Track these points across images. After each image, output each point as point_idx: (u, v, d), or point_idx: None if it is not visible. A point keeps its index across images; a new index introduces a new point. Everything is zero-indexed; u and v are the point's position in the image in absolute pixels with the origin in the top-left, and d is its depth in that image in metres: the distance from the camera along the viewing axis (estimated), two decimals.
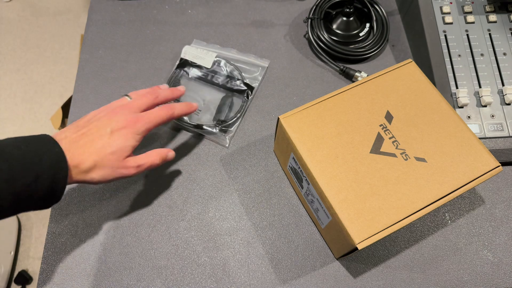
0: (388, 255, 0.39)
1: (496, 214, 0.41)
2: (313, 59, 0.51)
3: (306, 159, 0.34)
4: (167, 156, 0.37)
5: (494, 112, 0.43)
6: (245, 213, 0.41)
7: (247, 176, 0.43)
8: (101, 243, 0.39)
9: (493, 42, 0.46)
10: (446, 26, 0.47)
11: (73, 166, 0.31)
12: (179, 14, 0.54)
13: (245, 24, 0.54)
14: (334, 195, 0.32)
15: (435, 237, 0.39)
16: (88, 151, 0.32)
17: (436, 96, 0.38)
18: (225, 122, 0.44)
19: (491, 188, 0.42)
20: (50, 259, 0.38)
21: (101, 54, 0.51)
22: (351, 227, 0.31)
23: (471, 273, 0.38)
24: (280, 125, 0.37)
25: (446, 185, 0.33)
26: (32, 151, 0.28)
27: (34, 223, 1.08)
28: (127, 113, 0.34)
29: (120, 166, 0.33)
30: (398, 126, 0.36)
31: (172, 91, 0.39)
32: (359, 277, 0.38)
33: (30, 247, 1.04)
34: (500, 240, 0.39)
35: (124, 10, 0.55)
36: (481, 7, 0.48)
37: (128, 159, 0.33)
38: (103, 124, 0.33)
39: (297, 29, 0.53)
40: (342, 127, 0.36)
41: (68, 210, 0.41)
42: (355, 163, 0.34)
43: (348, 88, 0.38)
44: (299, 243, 0.39)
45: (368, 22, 0.51)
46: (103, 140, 0.32)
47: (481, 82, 0.44)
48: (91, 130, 0.33)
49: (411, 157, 0.34)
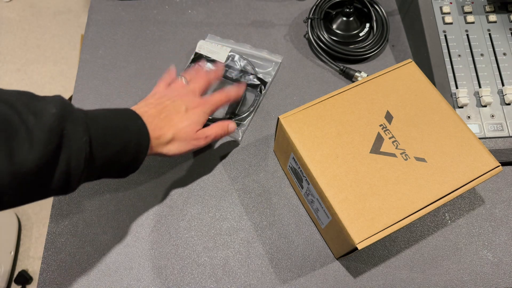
0: (388, 255, 0.39)
1: (496, 214, 0.41)
2: (313, 59, 0.51)
3: (306, 159, 0.34)
4: (228, 127, 0.40)
5: (494, 112, 0.43)
6: (245, 213, 0.41)
7: (247, 176, 0.43)
8: (101, 243, 0.39)
9: (493, 42, 0.46)
10: (446, 26, 0.47)
11: (154, 138, 0.34)
12: (179, 14, 0.54)
13: (245, 24, 0.54)
14: (334, 195, 0.32)
15: (435, 237, 0.39)
16: (168, 124, 0.35)
17: (436, 96, 0.38)
18: (238, 116, 0.45)
19: (491, 188, 0.42)
20: (50, 259, 0.38)
21: (101, 54, 0.51)
22: (351, 227, 0.31)
23: (471, 273, 0.38)
24: (280, 125, 0.37)
25: (446, 185, 0.33)
26: (120, 122, 0.32)
27: (34, 223, 1.08)
28: (195, 96, 0.39)
29: (193, 137, 0.36)
30: (398, 126, 0.36)
31: (216, 74, 0.42)
32: (359, 277, 0.38)
33: (30, 247, 1.04)
34: (500, 240, 0.39)
35: (124, 10, 0.55)
36: (481, 7, 0.48)
37: (198, 132, 0.37)
38: (178, 103, 0.37)
39: (297, 29, 0.53)
40: (342, 127, 0.36)
41: (68, 210, 0.41)
42: (355, 163, 0.34)
43: (348, 88, 0.38)
44: (299, 243, 0.39)
45: (368, 22, 0.51)
46: (180, 116, 0.36)
47: (481, 82, 0.44)
48: (168, 107, 0.36)
49: (411, 157, 0.34)
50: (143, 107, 0.36)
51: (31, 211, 1.09)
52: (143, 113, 0.34)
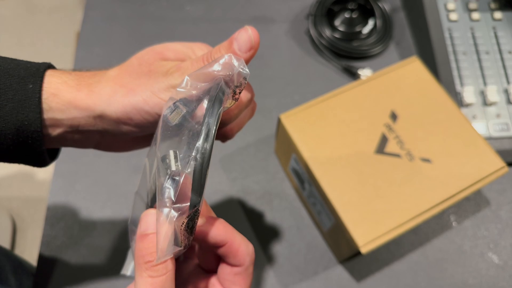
0: (392, 258, 0.38)
1: (501, 216, 0.40)
2: (315, 57, 0.50)
3: (308, 160, 0.33)
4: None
5: (499, 111, 0.42)
6: (245, 215, 0.40)
7: (247, 177, 0.42)
8: (97, 246, 0.38)
9: (498, 40, 0.45)
10: (450, 23, 0.46)
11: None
12: (177, 10, 0.53)
13: (245, 20, 0.52)
14: (337, 197, 0.32)
15: (440, 240, 0.39)
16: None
17: (442, 95, 0.37)
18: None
19: (496, 189, 0.41)
20: (45, 261, 0.37)
21: (97, 52, 0.50)
22: (355, 230, 0.30)
23: (476, 276, 0.37)
24: (281, 125, 0.36)
25: (451, 186, 0.32)
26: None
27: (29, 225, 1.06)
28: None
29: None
30: (403, 126, 0.35)
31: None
32: (363, 281, 0.37)
33: (25, 249, 1.03)
34: (506, 243, 0.39)
35: (120, 7, 0.53)
36: (486, 5, 0.47)
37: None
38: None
39: (298, 25, 0.52)
40: (345, 127, 0.35)
41: (63, 213, 0.40)
42: (359, 164, 0.33)
43: (351, 86, 0.37)
44: (301, 247, 0.38)
45: (371, 19, 0.50)
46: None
47: (486, 81, 0.43)
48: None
49: (416, 158, 0.33)
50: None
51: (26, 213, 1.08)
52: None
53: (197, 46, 0.25)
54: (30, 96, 0.21)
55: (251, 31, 0.22)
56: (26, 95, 0.21)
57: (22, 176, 1.08)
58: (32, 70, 0.22)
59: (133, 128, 0.23)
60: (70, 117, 0.22)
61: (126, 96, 0.22)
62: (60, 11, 1.49)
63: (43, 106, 0.21)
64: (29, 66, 0.22)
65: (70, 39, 1.41)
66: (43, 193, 1.07)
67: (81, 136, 0.23)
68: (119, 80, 0.23)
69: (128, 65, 0.24)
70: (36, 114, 0.21)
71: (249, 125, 0.45)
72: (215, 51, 0.22)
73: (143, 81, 0.22)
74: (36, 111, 0.21)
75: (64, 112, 0.22)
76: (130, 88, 0.22)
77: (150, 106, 0.22)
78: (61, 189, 0.41)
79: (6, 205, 1.07)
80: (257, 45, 0.22)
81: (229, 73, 0.19)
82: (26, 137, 0.21)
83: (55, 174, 0.41)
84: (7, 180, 1.09)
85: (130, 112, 0.22)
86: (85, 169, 0.42)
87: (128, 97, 0.22)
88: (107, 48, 0.50)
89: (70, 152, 0.34)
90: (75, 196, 0.41)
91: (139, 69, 0.23)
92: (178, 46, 0.24)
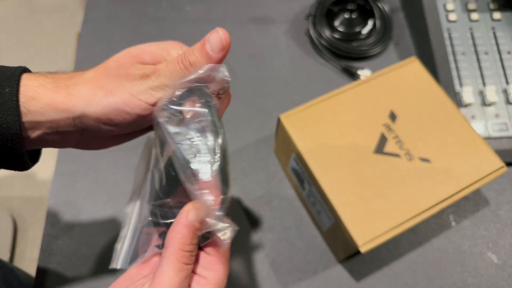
0: (391, 257, 0.38)
1: (500, 216, 0.40)
2: (314, 57, 0.50)
3: (308, 159, 0.33)
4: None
5: (498, 112, 0.42)
6: (245, 215, 0.40)
7: (247, 177, 0.42)
8: (98, 245, 0.38)
9: (497, 41, 0.45)
10: (450, 24, 0.46)
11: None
12: (177, 10, 0.53)
13: (245, 21, 0.53)
14: (337, 197, 0.32)
15: (439, 239, 0.39)
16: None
17: (441, 95, 0.37)
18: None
19: (495, 189, 0.41)
20: (46, 261, 0.37)
21: (98, 52, 0.50)
22: (354, 229, 0.31)
23: (476, 276, 0.37)
24: (281, 125, 0.36)
25: (450, 186, 0.32)
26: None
27: (30, 225, 1.07)
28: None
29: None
30: (402, 126, 0.35)
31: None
32: (362, 280, 0.37)
33: (26, 249, 1.03)
34: (505, 242, 0.39)
35: (121, 7, 0.54)
36: (485, 5, 0.47)
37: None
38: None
39: (298, 26, 0.52)
40: (345, 127, 0.35)
41: (64, 212, 0.40)
42: (359, 163, 0.33)
43: (351, 86, 0.37)
44: (300, 246, 0.38)
45: (371, 19, 0.50)
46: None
47: (485, 81, 0.43)
48: None
49: (415, 158, 0.34)
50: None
51: (27, 213, 1.08)
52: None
53: (172, 46, 0.26)
54: (7, 100, 0.21)
55: (222, 33, 0.23)
56: (3, 99, 0.21)
57: (23, 176, 1.08)
58: (8, 74, 0.22)
59: (112, 128, 0.23)
60: (49, 119, 0.22)
61: (105, 97, 0.22)
62: (61, 12, 1.49)
63: (21, 109, 0.22)
64: (4, 71, 0.23)
65: (70, 39, 1.41)
66: (44, 193, 1.07)
67: (60, 136, 0.24)
68: (97, 82, 0.23)
69: (106, 67, 0.24)
70: (14, 117, 0.21)
71: (249, 125, 0.45)
72: (189, 53, 0.23)
73: (122, 83, 0.23)
74: (14, 114, 0.21)
75: (43, 115, 0.22)
76: (109, 90, 0.22)
77: (130, 107, 0.22)
78: (61, 189, 0.41)
79: (7, 205, 1.07)
80: (228, 46, 0.23)
81: (213, 80, 0.21)
82: (6, 139, 0.22)
83: (55, 173, 0.42)
84: (8, 180, 1.09)
85: (110, 113, 0.22)
86: (85, 168, 0.42)
87: (107, 98, 0.22)
88: (107, 49, 0.50)
89: (70, 152, 0.34)
90: (76, 196, 0.41)
91: (117, 72, 0.23)
92: (153, 48, 0.25)
